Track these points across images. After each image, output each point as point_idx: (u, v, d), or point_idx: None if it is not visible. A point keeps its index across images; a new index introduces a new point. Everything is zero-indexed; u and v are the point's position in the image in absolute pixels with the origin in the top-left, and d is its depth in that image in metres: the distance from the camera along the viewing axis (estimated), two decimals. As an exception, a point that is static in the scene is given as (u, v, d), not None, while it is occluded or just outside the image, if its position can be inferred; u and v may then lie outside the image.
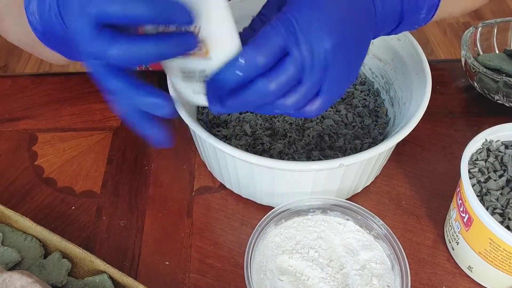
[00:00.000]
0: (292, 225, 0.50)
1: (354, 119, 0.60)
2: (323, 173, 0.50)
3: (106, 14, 0.34)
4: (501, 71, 0.64)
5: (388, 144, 0.49)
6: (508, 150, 0.50)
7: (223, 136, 0.59)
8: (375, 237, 0.49)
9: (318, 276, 0.46)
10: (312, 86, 0.39)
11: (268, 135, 0.59)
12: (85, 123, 0.65)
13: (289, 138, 0.58)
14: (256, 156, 0.47)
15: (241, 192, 0.56)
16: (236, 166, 0.51)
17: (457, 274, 0.51)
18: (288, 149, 0.57)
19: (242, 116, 0.60)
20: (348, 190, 0.55)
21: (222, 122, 0.61)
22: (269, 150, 0.57)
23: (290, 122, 0.60)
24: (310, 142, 0.57)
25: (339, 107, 0.62)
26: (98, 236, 0.54)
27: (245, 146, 0.57)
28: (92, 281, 0.47)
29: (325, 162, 0.47)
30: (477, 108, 0.67)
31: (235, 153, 0.48)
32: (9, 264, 0.48)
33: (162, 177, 0.60)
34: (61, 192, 0.58)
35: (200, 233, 0.54)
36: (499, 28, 0.69)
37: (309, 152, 0.57)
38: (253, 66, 0.37)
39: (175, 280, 0.51)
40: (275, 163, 0.47)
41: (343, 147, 0.57)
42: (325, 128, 0.59)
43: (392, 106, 0.61)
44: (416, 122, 0.50)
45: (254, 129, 0.59)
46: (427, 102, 0.51)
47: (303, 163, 0.48)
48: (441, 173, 0.59)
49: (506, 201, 0.47)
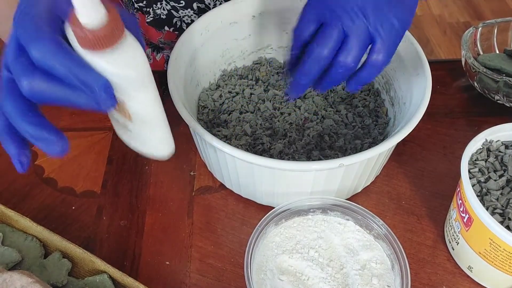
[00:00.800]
0: (292, 225, 0.50)
1: (354, 119, 0.60)
2: (323, 173, 0.50)
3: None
4: (501, 71, 0.64)
5: (388, 144, 0.49)
6: (508, 150, 0.50)
7: (223, 136, 0.59)
8: (375, 237, 0.49)
9: (318, 276, 0.46)
10: (359, 32, 0.43)
11: (268, 135, 0.59)
12: (85, 123, 0.65)
13: (289, 138, 0.58)
14: (256, 156, 0.47)
15: (241, 192, 0.56)
16: (236, 166, 0.51)
17: (457, 274, 0.51)
18: (288, 149, 0.57)
19: (242, 116, 0.61)
20: (348, 190, 0.55)
21: (222, 122, 0.61)
22: (269, 150, 0.57)
23: (290, 122, 0.60)
24: (310, 142, 0.58)
25: (339, 107, 0.62)
26: (98, 236, 0.54)
27: (245, 146, 0.57)
28: (93, 281, 0.47)
29: (325, 162, 0.47)
30: (477, 108, 0.67)
31: (235, 153, 0.48)
32: (10, 264, 0.48)
33: (162, 177, 0.60)
34: (62, 192, 0.58)
35: (200, 233, 0.54)
36: (499, 28, 0.69)
37: (309, 152, 0.57)
38: (298, 40, 0.46)
39: (175, 280, 0.51)
40: (275, 163, 0.47)
41: (343, 147, 0.57)
42: (325, 128, 0.59)
43: (392, 106, 0.61)
44: (416, 122, 0.50)
45: (254, 129, 0.59)
46: (427, 102, 0.51)
47: (303, 163, 0.48)
48: (441, 173, 0.59)
49: (506, 201, 0.47)
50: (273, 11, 0.65)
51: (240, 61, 0.68)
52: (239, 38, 0.66)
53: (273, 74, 0.66)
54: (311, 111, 0.61)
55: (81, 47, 0.34)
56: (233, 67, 0.68)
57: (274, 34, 0.67)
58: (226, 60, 0.67)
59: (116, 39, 0.34)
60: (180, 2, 0.65)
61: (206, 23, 0.61)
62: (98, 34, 0.33)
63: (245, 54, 0.68)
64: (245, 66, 0.68)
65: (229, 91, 0.64)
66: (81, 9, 0.32)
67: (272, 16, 0.65)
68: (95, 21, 0.33)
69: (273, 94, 0.63)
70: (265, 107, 0.61)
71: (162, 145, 0.44)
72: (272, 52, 0.69)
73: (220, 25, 0.62)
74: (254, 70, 0.67)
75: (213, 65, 0.65)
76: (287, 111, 0.61)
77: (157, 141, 0.43)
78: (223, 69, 0.67)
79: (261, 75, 0.66)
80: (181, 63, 0.58)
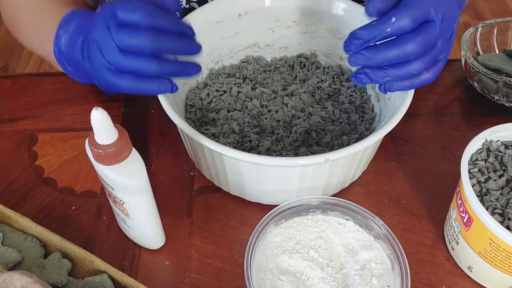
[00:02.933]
0: (292, 225, 0.50)
1: (341, 115, 0.61)
2: (310, 169, 0.50)
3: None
4: (501, 71, 0.64)
5: (374, 138, 0.49)
6: (508, 150, 0.50)
7: (211, 134, 0.59)
8: (375, 237, 0.49)
9: (318, 276, 0.46)
10: (442, 49, 0.46)
11: (256, 133, 0.59)
12: (85, 123, 0.65)
13: (277, 135, 0.58)
14: (243, 153, 0.48)
15: (230, 189, 0.56)
16: (224, 163, 0.51)
17: (457, 274, 0.51)
18: (276, 146, 0.57)
19: (230, 114, 0.61)
20: (335, 185, 0.55)
21: (210, 120, 0.61)
22: (257, 147, 0.57)
23: (277, 119, 0.60)
24: (298, 139, 0.58)
25: (326, 104, 0.62)
26: (98, 236, 0.54)
27: (233, 144, 0.57)
28: (92, 281, 0.47)
29: (311, 157, 0.48)
30: (477, 108, 0.67)
31: (222, 150, 0.48)
32: (10, 264, 0.48)
33: (162, 177, 0.60)
34: (61, 192, 0.58)
35: (200, 233, 0.54)
36: (499, 28, 0.69)
37: (297, 149, 0.57)
38: (401, 25, 0.43)
39: (175, 280, 0.51)
40: (261, 159, 0.48)
41: (330, 143, 0.58)
42: (312, 125, 0.59)
43: (378, 102, 0.61)
44: (401, 116, 0.51)
45: (242, 127, 0.59)
46: (411, 97, 0.52)
47: (289, 159, 0.48)
48: (441, 173, 0.59)
49: (506, 201, 0.47)
50: (259, 10, 0.65)
51: (227, 59, 0.68)
52: (226, 36, 0.66)
53: (260, 72, 0.67)
54: (298, 108, 0.61)
55: (95, 162, 0.43)
56: (221, 66, 0.68)
57: (261, 32, 0.67)
58: (213, 58, 0.67)
59: (124, 157, 0.43)
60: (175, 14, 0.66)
61: (192, 22, 0.61)
62: (110, 153, 0.41)
63: (232, 53, 0.68)
64: (232, 65, 0.68)
65: (216, 90, 0.64)
66: (98, 133, 0.41)
67: (258, 15, 0.65)
68: (108, 143, 0.41)
69: (261, 92, 0.63)
70: (253, 105, 0.61)
71: (153, 240, 0.52)
72: (260, 50, 0.69)
73: (206, 24, 0.63)
74: (242, 69, 0.67)
75: (200, 63, 0.65)
76: (274, 109, 0.61)
77: (149, 237, 0.52)
78: (211, 67, 0.67)
79: (248, 73, 0.66)
80: None
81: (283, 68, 0.68)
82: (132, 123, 0.65)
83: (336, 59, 0.67)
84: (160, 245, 0.53)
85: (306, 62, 0.68)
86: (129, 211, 0.47)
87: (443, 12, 0.45)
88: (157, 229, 0.51)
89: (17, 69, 1.85)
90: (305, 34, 0.67)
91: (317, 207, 0.51)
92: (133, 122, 0.65)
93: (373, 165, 0.60)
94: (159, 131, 0.64)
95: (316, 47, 0.68)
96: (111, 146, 0.41)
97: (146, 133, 0.64)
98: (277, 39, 0.68)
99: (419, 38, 0.44)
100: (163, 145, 0.63)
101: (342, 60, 0.66)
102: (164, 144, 0.63)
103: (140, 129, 0.65)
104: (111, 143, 0.41)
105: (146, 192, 0.46)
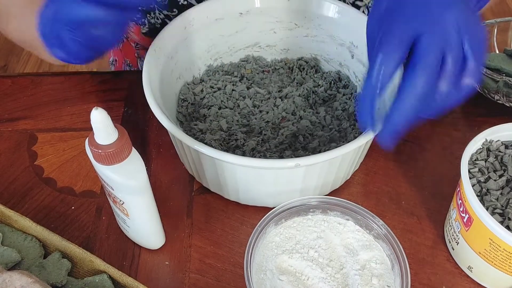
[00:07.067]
0: (292, 225, 0.50)
1: (332, 122, 0.60)
2: (284, 172, 0.50)
3: None
4: (501, 71, 0.64)
5: (347, 148, 0.48)
6: (508, 150, 0.50)
7: (199, 130, 0.59)
8: (375, 237, 0.49)
9: (318, 276, 0.46)
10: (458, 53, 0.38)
11: (243, 132, 0.59)
12: (85, 123, 0.65)
13: (264, 136, 0.58)
14: (210, 148, 0.48)
15: (210, 186, 0.56)
16: (200, 158, 0.51)
17: (457, 274, 0.51)
18: (261, 146, 0.57)
19: (220, 111, 0.61)
20: (314, 190, 0.54)
21: (201, 116, 0.61)
22: (243, 146, 0.57)
23: (267, 120, 0.60)
24: (284, 142, 0.57)
25: (319, 109, 0.61)
26: (98, 236, 0.54)
27: (219, 141, 0.57)
28: (92, 281, 0.47)
29: (281, 161, 0.47)
30: (477, 108, 0.67)
31: (198, 147, 0.48)
32: (9, 264, 0.48)
33: (162, 177, 0.60)
34: (61, 192, 0.58)
35: (200, 233, 0.54)
36: (499, 28, 0.69)
37: (282, 151, 0.56)
38: (390, 62, 0.38)
39: (175, 280, 0.51)
40: (230, 158, 0.47)
41: (317, 149, 0.57)
42: (300, 129, 0.59)
43: None
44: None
45: (230, 125, 0.59)
46: None
47: (258, 160, 0.48)
48: (441, 173, 0.59)
49: (506, 201, 0.47)
50: (261, 10, 0.65)
51: (227, 57, 0.68)
52: (226, 34, 0.66)
53: (258, 72, 0.67)
54: (289, 111, 0.61)
55: (95, 162, 0.43)
56: (220, 63, 0.68)
57: (262, 32, 0.67)
58: (212, 55, 0.67)
59: (124, 157, 0.43)
60: (173, 10, 0.66)
61: (191, 18, 0.61)
62: (109, 153, 0.41)
63: (232, 51, 0.68)
64: (232, 63, 0.68)
65: (211, 86, 0.64)
66: (98, 133, 0.41)
67: (259, 15, 0.65)
68: (108, 143, 0.41)
69: (255, 92, 0.63)
70: (245, 104, 0.61)
71: (153, 240, 0.52)
72: (261, 50, 0.69)
73: (205, 21, 0.63)
74: (240, 67, 0.67)
75: (197, 59, 0.65)
76: (265, 109, 0.61)
77: (149, 237, 0.52)
78: (209, 64, 0.67)
79: (246, 72, 0.66)
80: (161, 55, 0.58)
81: (282, 70, 0.68)
82: (132, 123, 0.65)
83: (336, 65, 0.66)
84: (160, 245, 0.53)
85: (306, 66, 0.67)
86: (129, 211, 0.47)
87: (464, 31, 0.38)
88: (157, 229, 0.51)
89: (17, 69, 1.85)
90: (307, 37, 0.67)
91: (317, 207, 0.51)
92: (133, 122, 0.65)
93: (373, 165, 0.60)
94: (159, 131, 0.64)
95: (317, 51, 0.67)
96: (111, 146, 0.41)
97: (146, 133, 0.64)
98: (279, 40, 0.68)
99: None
100: (163, 145, 0.63)
101: (341, 66, 0.66)
102: (164, 144, 0.63)
103: (140, 129, 0.65)
104: (111, 143, 0.41)
105: (146, 192, 0.47)
